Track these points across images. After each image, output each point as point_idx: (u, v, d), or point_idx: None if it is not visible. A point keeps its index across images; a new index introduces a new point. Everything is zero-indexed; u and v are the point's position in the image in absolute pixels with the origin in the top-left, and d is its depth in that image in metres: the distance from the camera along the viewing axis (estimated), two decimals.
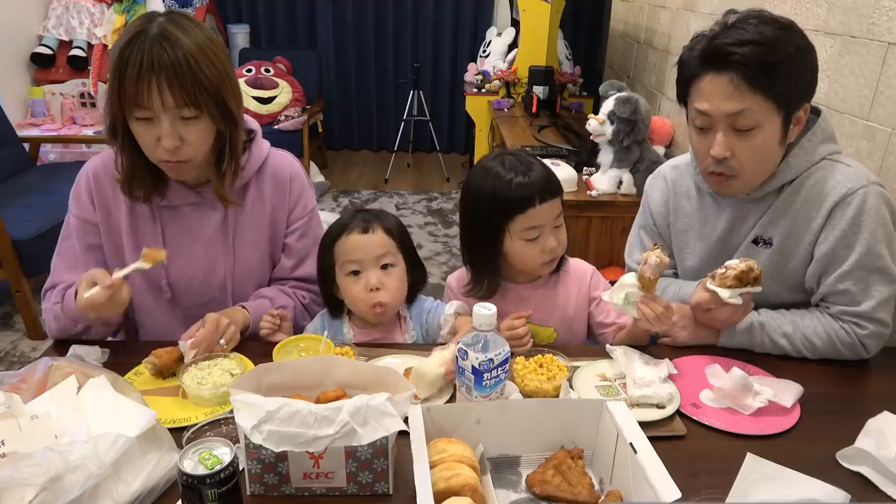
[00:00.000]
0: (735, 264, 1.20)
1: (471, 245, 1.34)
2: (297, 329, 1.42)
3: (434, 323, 1.36)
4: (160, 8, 3.75)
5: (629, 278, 1.20)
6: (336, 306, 1.36)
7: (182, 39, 1.14)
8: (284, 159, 1.43)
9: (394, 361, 1.22)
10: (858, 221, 1.20)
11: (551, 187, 1.26)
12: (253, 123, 1.38)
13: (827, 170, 1.25)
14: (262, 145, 1.39)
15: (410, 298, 1.38)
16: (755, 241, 1.32)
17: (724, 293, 1.19)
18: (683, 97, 1.27)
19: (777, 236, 1.29)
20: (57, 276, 1.33)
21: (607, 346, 1.25)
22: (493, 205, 1.25)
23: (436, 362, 1.12)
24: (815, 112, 1.28)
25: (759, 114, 1.16)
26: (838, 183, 1.22)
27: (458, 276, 1.43)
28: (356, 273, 1.28)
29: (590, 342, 1.43)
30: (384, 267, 1.29)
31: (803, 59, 1.16)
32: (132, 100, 1.14)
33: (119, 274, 1.16)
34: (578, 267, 1.42)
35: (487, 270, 1.33)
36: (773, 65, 1.13)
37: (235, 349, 1.24)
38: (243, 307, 1.34)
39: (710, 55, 1.17)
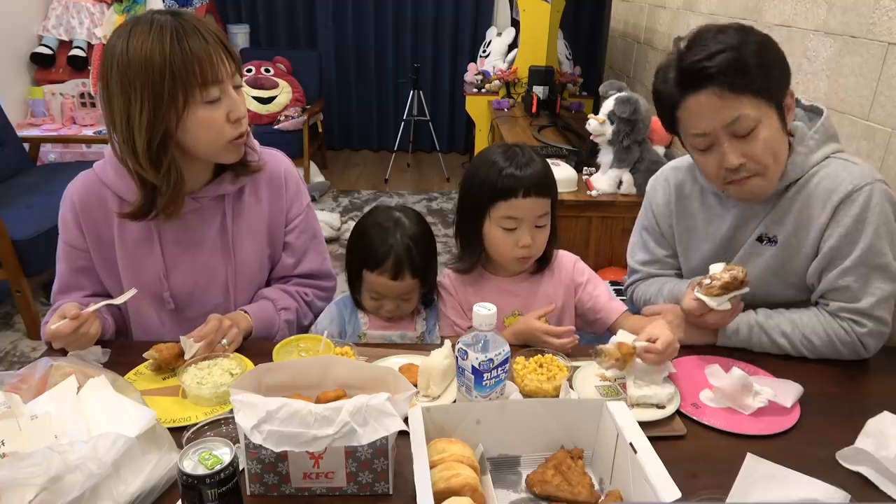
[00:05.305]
0: (719, 274, 1.22)
1: (459, 219, 1.40)
2: (301, 328, 1.43)
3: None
4: (160, 7, 3.74)
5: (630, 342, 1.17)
6: (357, 299, 1.44)
7: (203, 20, 1.18)
8: (276, 157, 1.42)
9: (396, 361, 1.22)
10: (863, 218, 1.21)
11: (541, 186, 1.29)
12: None
13: (832, 167, 1.25)
14: (254, 144, 1.37)
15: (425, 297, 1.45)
16: (759, 239, 1.32)
17: (712, 302, 1.21)
18: (671, 127, 1.27)
19: (782, 234, 1.29)
20: (55, 296, 1.34)
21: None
22: (483, 187, 1.30)
23: (440, 356, 1.12)
24: (818, 112, 1.29)
25: (754, 113, 1.16)
26: (843, 180, 1.23)
27: (449, 274, 1.44)
28: (378, 299, 1.38)
29: (587, 336, 1.42)
30: (405, 298, 1.38)
31: (769, 50, 1.18)
32: (204, 78, 1.12)
33: (89, 309, 1.17)
34: (562, 258, 1.45)
35: (470, 246, 1.38)
36: (747, 66, 1.14)
37: (236, 350, 1.24)
38: (245, 311, 1.33)
39: (685, 77, 1.18)
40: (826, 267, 1.26)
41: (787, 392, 1.12)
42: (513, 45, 4.81)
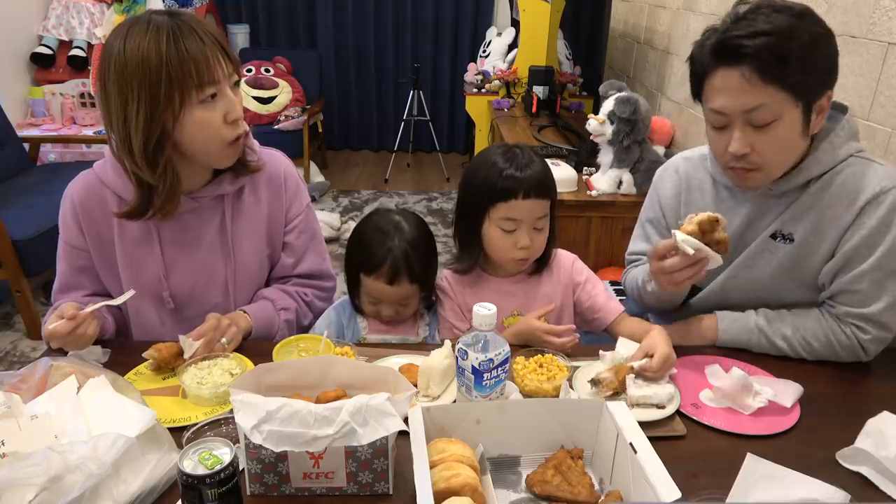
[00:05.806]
0: (700, 214, 1.16)
1: (458, 219, 1.40)
2: (301, 329, 1.43)
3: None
4: (159, 7, 3.74)
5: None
6: (356, 303, 1.44)
7: (200, 21, 1.17)
8: (276, 157, 1.42)
9: (396, 361, 1.22)
10: (888, 221, 1.17)
11: (541, 187, 1.28)
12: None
13: (857, 167, 1.21)
14: (254, 144, 1.37)
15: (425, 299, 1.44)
16: (773, 236, 1.27)
17: (679, 235, 1.15)
18: (698, 94, 1.22)
19: (800, 232, 1.25)
20: (55, 295, 1.34)
21: (601, 352, 1.23)
22: (482, 188, 1.30)
23: (440, 356, 1.12)
24: (842, 109, 1.25)
25: (776, 107, 1.11)
26: (871, 181, 1.19)
27: (447, 276, 1.44)
28: (376, 304, 1.38)
29: (587, 335, 1.42)
30: (403, 303, 1.38)
31: (820, 46, 1.11)
32: (201, 79, 1.12)
33: (87, 309, 1.17)
34: (560, 257, 1.44)
35: (469, 246, 1.38)
36: (787, 56, 1.08)
37: (235, 349, 1.24)
38: (244, 311, 1.33)
39: (720, 49, 1.13)
40: (842, 269, 1.22)
41: (786, 392, 1.12)
42: (513, 45, 4.81)
